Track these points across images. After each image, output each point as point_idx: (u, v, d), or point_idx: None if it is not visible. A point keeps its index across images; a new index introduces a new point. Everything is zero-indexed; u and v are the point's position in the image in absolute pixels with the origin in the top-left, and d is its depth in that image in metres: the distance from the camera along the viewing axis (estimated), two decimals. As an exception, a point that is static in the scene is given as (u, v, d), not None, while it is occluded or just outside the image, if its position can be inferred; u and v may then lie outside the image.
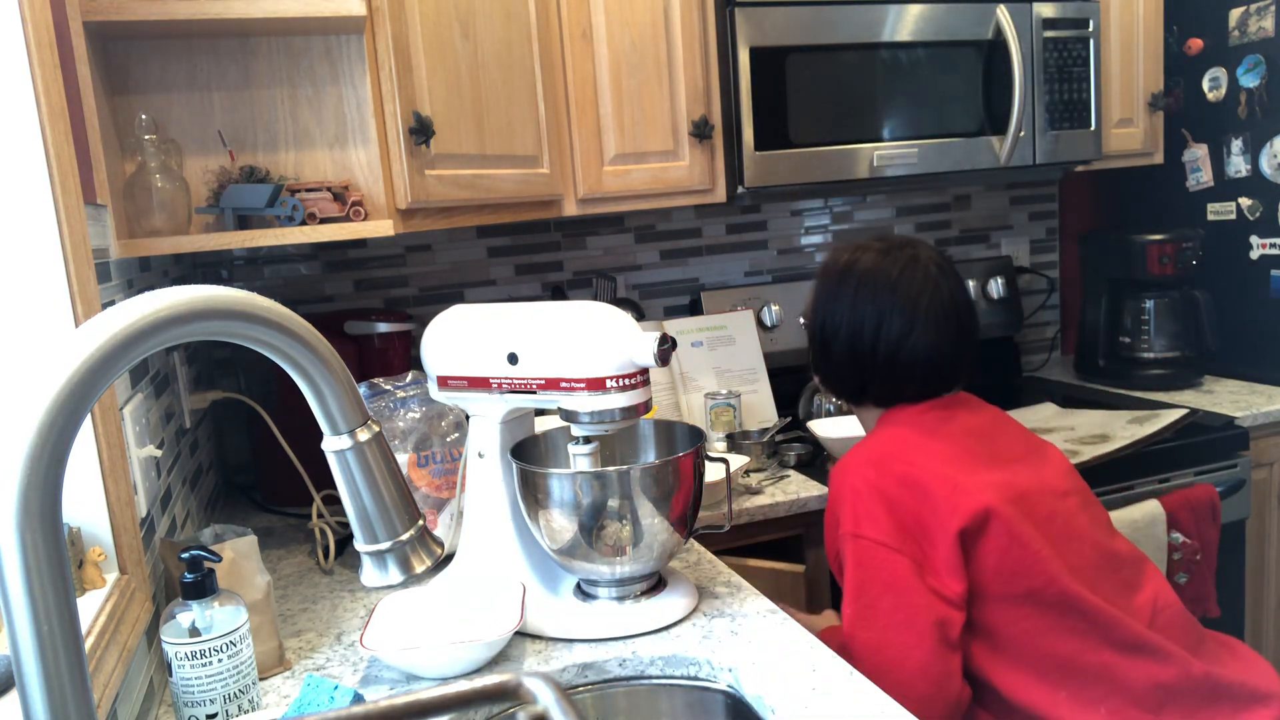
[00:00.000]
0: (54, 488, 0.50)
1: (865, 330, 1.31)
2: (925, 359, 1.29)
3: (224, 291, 0.57)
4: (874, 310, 1.30)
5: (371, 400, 1.50)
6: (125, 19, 1.20)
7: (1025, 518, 1.20)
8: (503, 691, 0.59)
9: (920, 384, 1.32)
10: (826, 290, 1.36)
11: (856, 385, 1.35)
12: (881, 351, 1.30)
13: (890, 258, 1.32)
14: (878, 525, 1.19)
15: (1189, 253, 2.25)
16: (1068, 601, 1.17)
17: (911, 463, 1.22)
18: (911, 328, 1.28)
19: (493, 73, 1.63)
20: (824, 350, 1.37)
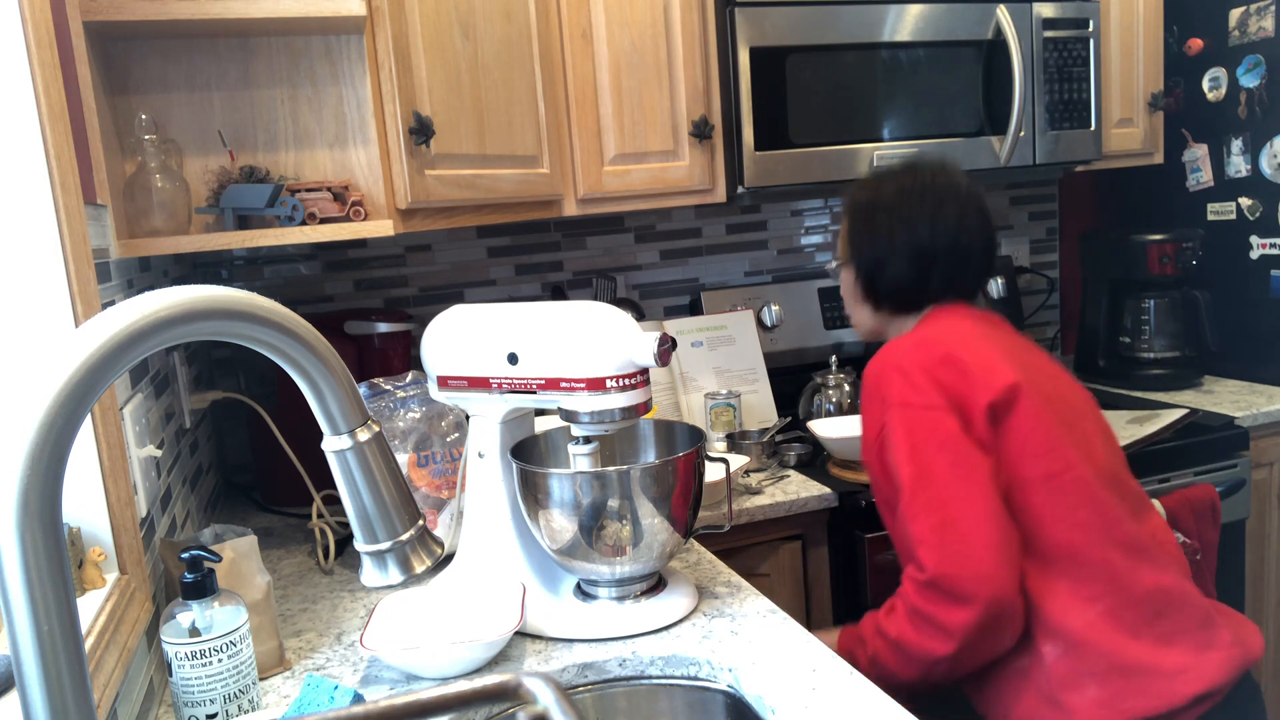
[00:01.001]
0: (54, 488, 0.50)
1: (920, 229, 1.34)
2: (981, 238, 1.36)
3: (224, 291, 0.57)
4: (927, 209, 1.34)
5: (371, 400, 1.50)
6: (125, 19, 1.20)
7: (1050, 406, 1.23)
8: (503, 691, 0.59)
9: (979, 262, 1.37)
10: (868, 216, 1.39)
11: (917, 285, 1.36)
12: (941, 242, 1.33)
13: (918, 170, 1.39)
14: (924, 393, 1.20)
15: (1189, 253, 2.25)
16: (1081, 491, 1.19)
17: (951, 345, 1.25)
18: (964, 213, 1.34)
19: (493, 73, 1.63)
20: (876, 272, 1.38)
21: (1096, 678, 1.14)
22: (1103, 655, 1.15)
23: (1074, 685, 1.15)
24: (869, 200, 1.39)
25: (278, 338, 0.59)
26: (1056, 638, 1.16)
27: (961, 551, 1.12)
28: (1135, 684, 1.14)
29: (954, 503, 1.15)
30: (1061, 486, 1.19)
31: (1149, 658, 1.15)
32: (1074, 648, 1.16)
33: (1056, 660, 1.16)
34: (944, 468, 1.16)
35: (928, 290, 1.37)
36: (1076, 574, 1.17)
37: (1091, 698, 1.14)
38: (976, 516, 1.14)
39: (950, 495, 1.15)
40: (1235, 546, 2.00)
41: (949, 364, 1.22)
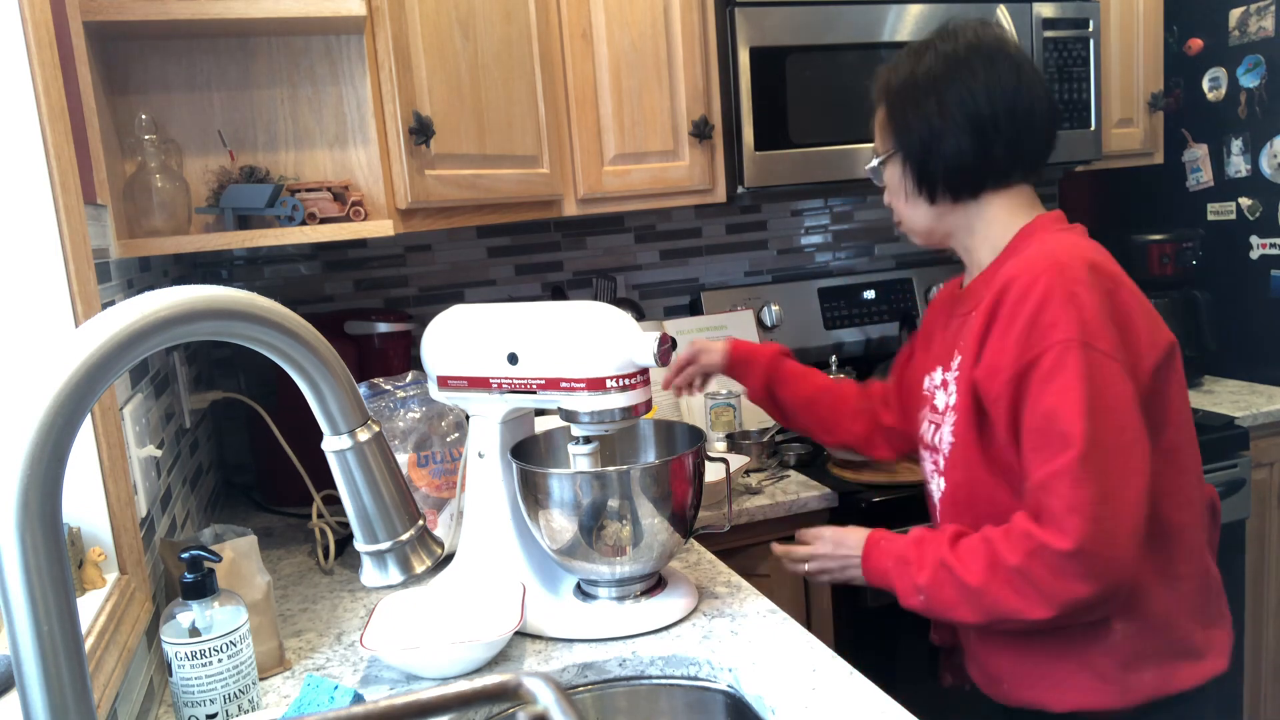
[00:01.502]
0: (54, 488, 0.50)
1: (975, 92, 1.17)
2: (1042, 99, 1.20)
3: (224, 291, 0.57)
4: (980, 69, 1.17)
5: (371, 400, 1.50)
6: (125, 19, 1.20)
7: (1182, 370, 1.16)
8: (503, 691, 0.59)
9: (1042, 132, 1.22)
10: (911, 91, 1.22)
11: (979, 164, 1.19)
12: (1000, 103, 1.16)
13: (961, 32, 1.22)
14: (1108, 339, 1.05)
15: (1189, 253, 2.25)
16: (1196, 467, 1.15)
17: (1117, 280, 1.11)
18: (1018, 65, 1.18)
19: (493, 73, 1.63)
20: (930, 153, 1.20)
21: (1159, 656, 1.12)
22: (1172, 637, 1.13)
23: (1135, 664, 1.12)
24: (908, 75, 1.21)
25: (278, 338, 0.59)
26: (1133, 616, 1.11)
27: (1112, 531, 1.03)
28: (1187, 663, 1.14)
29: (1117, 475, 1.03)
30: (1183, 461, 1.12)
31: (1202, 639, 1.15)
32: (1147, 628, 1.12)
33: (1126, 639, 1.11)
34: (1116, 433, 1.04)
35: (993, 165, 1.19)
36: (1174, 552, 1.12)
37: (1148, 678, 1.12)
38: (1133, 496, 1.04)
39: (1115, 466, 1.03)
40: (1235, 546, 2.00)
41: (1119, 306, 1.08)
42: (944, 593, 1.12)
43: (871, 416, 1.51)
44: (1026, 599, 1.06)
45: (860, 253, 2.53)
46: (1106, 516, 1.02)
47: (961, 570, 1.10)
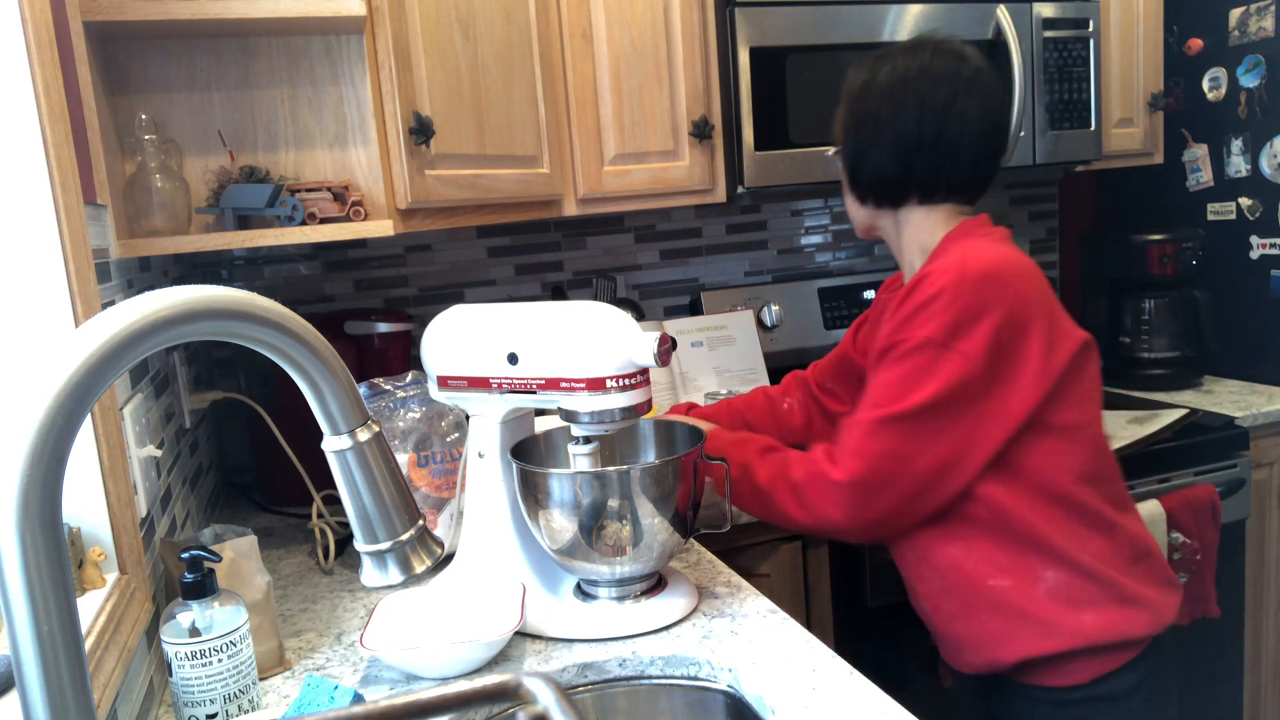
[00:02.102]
0: (54, 488, 0.50)
1: (907, 117, 1.26)
2: (971, 134, 1.26)
3: (224, 291, 0.57)
4: (914, 95, 1.26)
5: (371, 400, 1.50)
6: (125, 19, 1.20)
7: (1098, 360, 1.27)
8: (503, 691, 0.59)
9: (969, 164, 1.28)
10: (858, 99, 1.31)
11: (900, 181, 1.30)
12: (927, 129, 1.25)
13: (921, 39, 1.31)
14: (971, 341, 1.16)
15: (1189, 253, 2.25)
16: (1096, 444, 1.24)
17: (1024, 287, 1.19)
18: (953, 103, 1.25)
19: (493, 73, 1.63)
20: (858, 163, 1.32)
21: (1093, 604, 1.21)
22: (1102, 584, 1.21)
23: (1073, 608, 1.20)
24: (862, 84, 1.31)
25: (278, 338, 0.59)
26: (1058, 565, 1.21)
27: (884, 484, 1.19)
28: (1128, 612, 1.21)
29: (915, 457, 1.18)
30: (1083, 438, 1.22)
31: (1136, 590, 1.22)
32: (1074, 576, 1.21)
33: (1055, 585, 1.21)
34: (929, 417, 1.17)
35: (913, 184, 1.29)
36: (1075, 519, 1.22)
37: (1087, 620, 1.20)
38: (919, 469, 1.18)
39: (911, 440, 1.18)
40: (1235, 546, 2.00)
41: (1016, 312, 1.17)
42: (740, 488, 1.32)
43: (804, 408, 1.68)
44: (791, 505, 1.25)
45: (860, 253, 2.53)
46: (883, 470, 1.18)
47: (758, 473, 1.29)
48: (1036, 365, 1.17)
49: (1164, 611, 1.24)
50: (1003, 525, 1.21)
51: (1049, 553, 1.21)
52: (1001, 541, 1.22)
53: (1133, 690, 1.23)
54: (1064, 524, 1.21)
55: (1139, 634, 1.21)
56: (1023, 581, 1.22)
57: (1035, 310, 1.19)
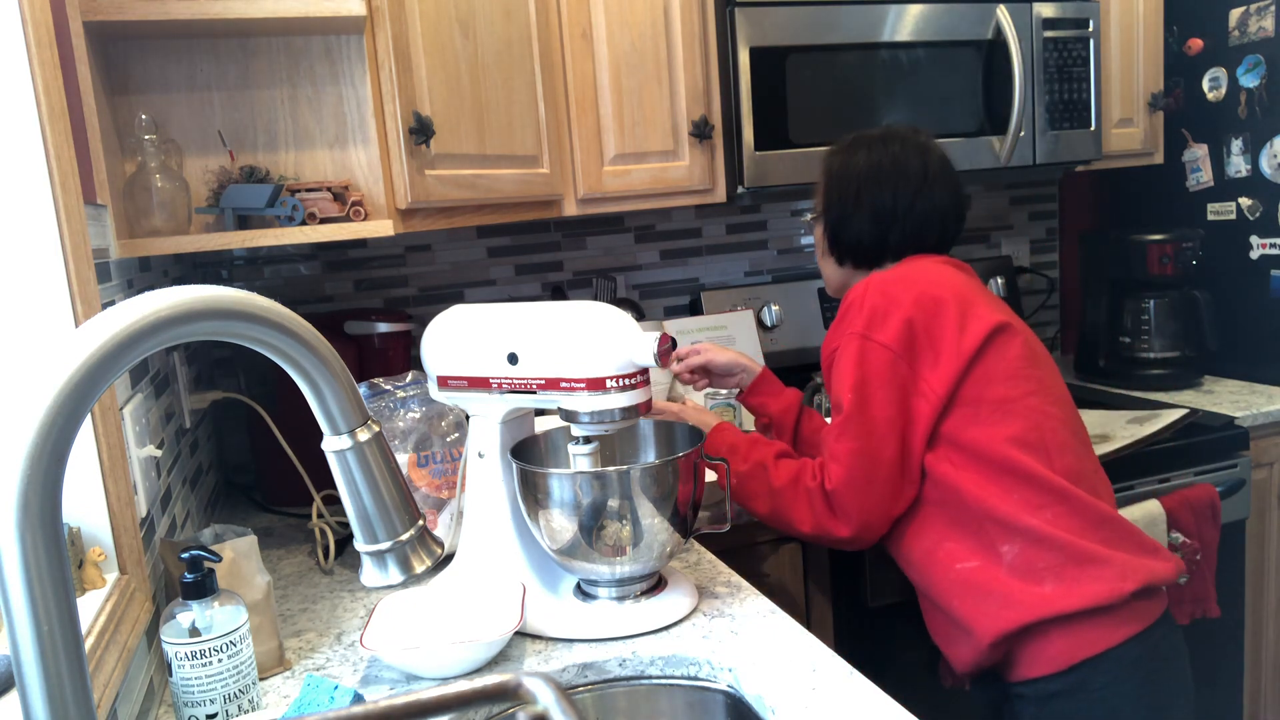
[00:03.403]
0: (54, 488, 0.50)
1: (884, 191, 1.45)
2: (938, 208, 1.45)
3: (224, 291, 0.57)
4: (890, 174, 1.45)
5: (371, 400, 1.50)
6: (125, 19, 1.20)
7: (1026, 346, 1.35)
8: (503, 691, 0.59)
9: (937, 233, 1.46)
10: (839, 172, 1.50)
11: (877, 243, 1.47)
12: (901, 205, 1.44)
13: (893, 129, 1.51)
14: (887, 330, 1.31)
15: (1189, 253, 2.25)
16: (1030, 415, 1.30)
17: (932, 283, 1.35)
18: (924, 181, 1.44)
19: (493, 73, 1.63)
20: (839, 230, 1.49)
21: (1053, 570, 1.25)
22: (1058, 548, 1.25)
23: (1033, 580, 1.25)
24: (841, 166, 1.50)
25: (278, 338, 0.59)
26: (1014, 537, 1.27)
27: (866, 478, 1.30)
28: (1089, 571, 1.24)
29: (875, 439, 1.29)
30: (1012, 410, 1.30)
31: (1099, 552, 1.25)
32: (1030, 545, 1.26)
33: (1015, 558, 1.27)
34: (880, 406, 1.30)
35: (889, 248, 1.47)
36: (1024, 487, 1.27)
37: (1049, 591, 1.24)
38: (887, 455, 1.30)
39: (874, 432, 1.30)
40: (1235, 546, 2.00)
41: (924, 302, 1.32)
42: (752, 484, 1.40)
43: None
44: (800, 513, 1.35)
45: (860, 253, 2.52)
46: (859, 466, 1.29)
47: (774, 475, 1.38)
48: (950, 345, 1.30)
49: (1131, 573, 1.25)
50: (959, 505, 1.29)
51: (1004, 525, 1.27)
52: (961, 523, 1.29)
53: (1115, 682, 1.23)
54: (1016, 493, 1.27)
55: (1103, 598, 1.22)
56: (986, 561, 1.28)
57: (944, 300, 1.32)
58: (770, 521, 1.40)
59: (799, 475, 1.35)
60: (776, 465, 1.38)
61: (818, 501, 1.33)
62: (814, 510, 1.33)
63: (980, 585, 1.27)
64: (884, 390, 1.30)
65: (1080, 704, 1.24)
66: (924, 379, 1.31)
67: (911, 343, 1.31)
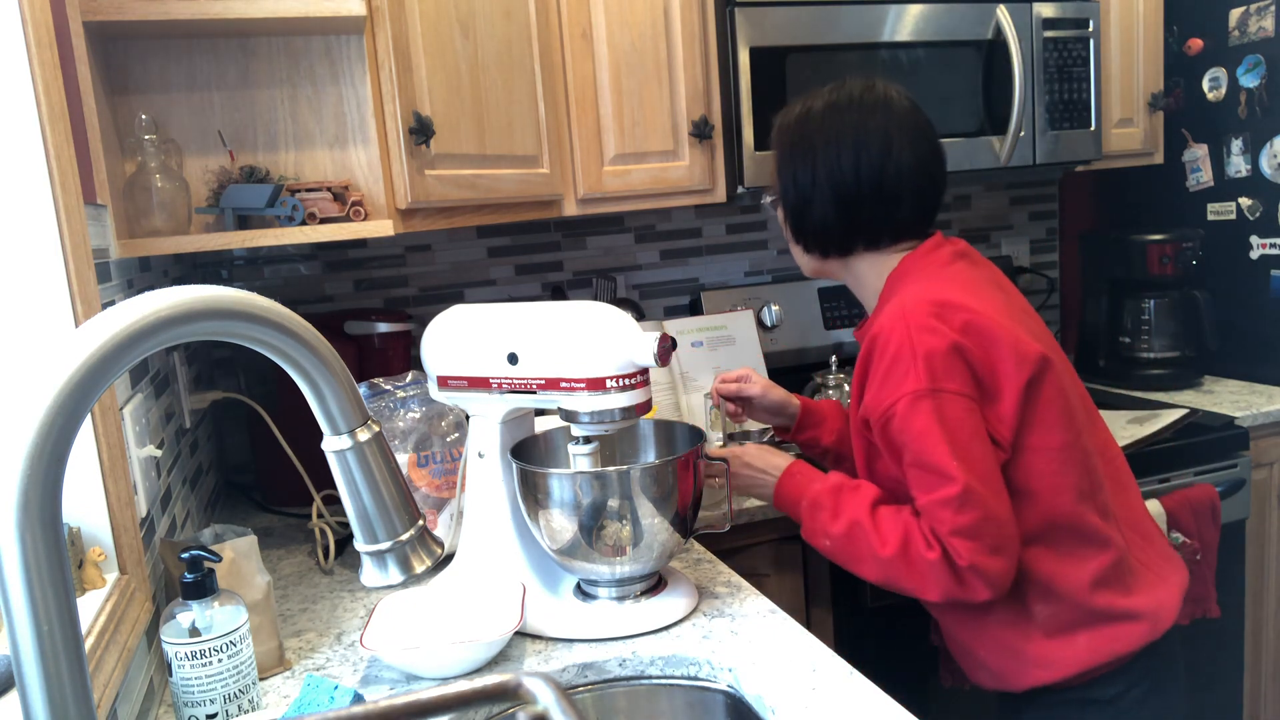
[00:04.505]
0: (54, 488, 0.50)
1: (843, 164, 1.26)
2: (912, 173, 1.26)
3: (224, 291, 0.57)
4: (849, 141, 1.26)
5: (371, 400, 1.50)
6: (125, 19, 1.20)
7: (1067, 372, 1.24)
8: (503, 691, 0.59)
9: (911, 206, 1.28)
10: (791, 140, 1.31)
11: (845, 230, 1.30)
12: (865, 179, 1.25)
13: (844, 89, 1.30)
14: (956, 378, 1.15)
15: (1189, 253, 2.25)
16: (1088, 460, 1.22)
17: (971, 309, 1.18)
18: (889, 145, 1.25)
19: (493, 73, 1.63)
20: (803, 210, 1.31)
21: (1086, 627, 1.21)
22: (1091, 610, 1.21)
23: (1066, 638, 1.21)
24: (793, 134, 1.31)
25: (278, 338, 0.59)
26: (1049, 598, 1.21)
27: (997, 546, 1.14)
28: (1124, 628, 1.21)
29: (994, 501, 1.14)
30: (1073, 457, 1.20)
31: (1134, 607, 1.22)
32: (1065, 606, 1.21)
33: (1048, 618, 1.22)
34: (981, 461, 1.15)
35: (859, 231, 1.29)
36: (1074, 539, 1.21)
37: (1082, 645, 1.21)
38: (1005, 513, 1.15)
39: (990, 491, 1.14)
40: (1235, 546, 2.00)
41: (974, 334, 1.17)
42: (855, 549, 1.22)
43: None
44: (925, 585, 1.18)
45: (860, 253, 2.53)
46: (989, 534, 1.14)
47: (877, 540, 1.19)
48: (1010, 383, 1.17)
49: (1165, 616, 1.23)
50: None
51: (1043, 588, 1.21)
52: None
53: (1125, 693, 1.23)
54: (1063, 547, 1.20)
55: (1135, 647, 1.21)
56: (1018, 618, 1.22)
57: (992, 330, 1.18)
58: (885, 587, 1.23)
59: (909, 543, 1.17)
60: (876, 526, 1.20)
61: (944, 575, 1.16)
62: (942, 584, 1.16)
63: (1012, 646, 1.23)
64: (980, 444, 1.15)
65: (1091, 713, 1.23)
66: (991, 423, 1.18)
67: (979, 382, 1.17)
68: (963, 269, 1.27)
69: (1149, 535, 1.30)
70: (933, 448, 1.15)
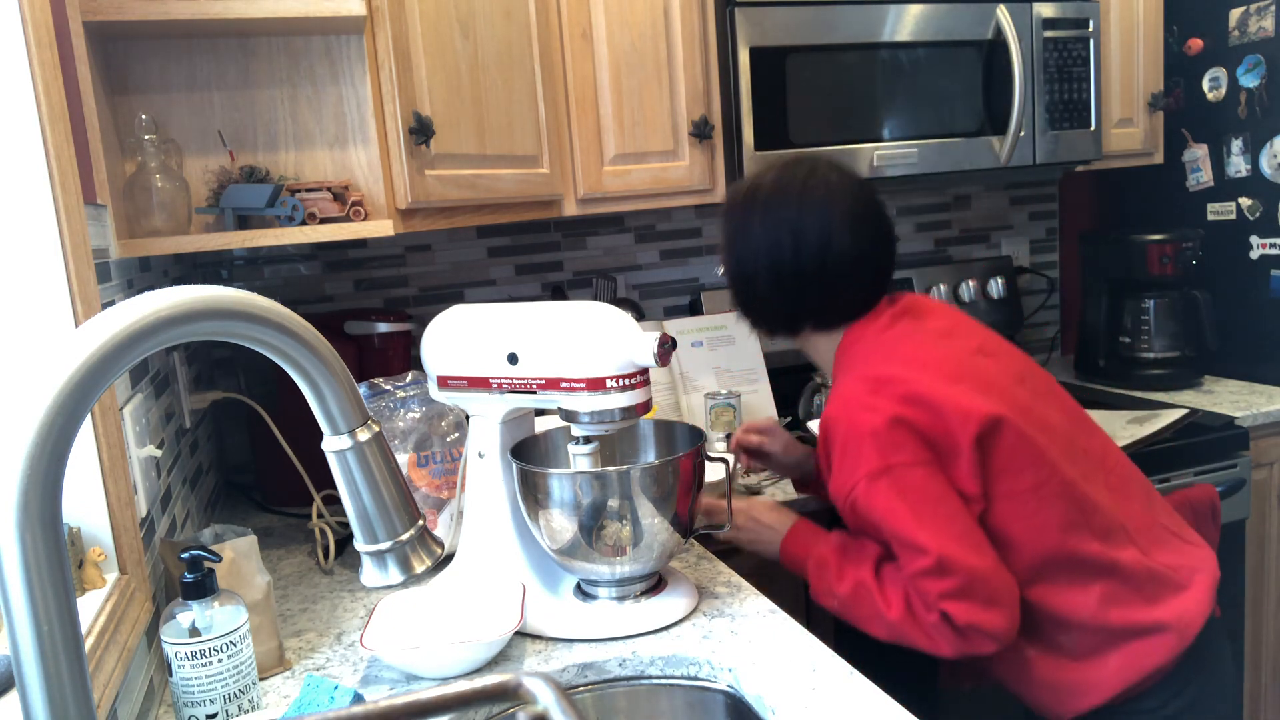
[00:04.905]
0: (54, 488, 0.50)
1: (784, 249, 1.27)
2: (852, 262, 1.27)
3: (224, 291, 0.57)
4: (788, 228, 1.27)
5: (371, 400, 1.50)
6: (125, 19, 1.20)
7: (1025, 415, 1.22)
8: (503, 691, 0.59)
9: (854, 291, 1.30)
10: (735, 225, 1.32)
11: (790, 312, 1.32)
12: (807, 266, 1.27)
13: (789, 174, 1.30)
14: (905, 449, 1.17)
15: (1189, 253, 2.25)
16: (1069, 493, 1.20)
17: (909, 380, 1.20)
18: (829, 234, 1.26)
19: (493, 73, 1.63)
20: (748, 287, 1.34)
21: (1113, 649, 1.21)
22: (1112, 630, 1.21)
23: (1097, 660, 1.21)
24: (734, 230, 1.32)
25: (278, 338, 0.59)
26: (1066, 628, 1.21)
27: (991, 602, 1.15)
28: (1145, 643, 1.20)
29: (971, 556, 1.15)
30: (1050, 493, 1.20)
31: (1151, 616, 1.21)
32: (1086, 632, 1.21)
33: (1074, 646, 1.22)
34: (949, 522, 1.16)
35: (802, 317, 1.33)
36: (1071, 570, 1.21)
37: (1114, 666, 1.20)
38: (990, 564, 1.16)
39: (966, 549, 1.15)
40: (1235, 546, 2.00)
41: (916, 403, 1.18)
42: (861, 609, 1.23)
43: None
44: (935, 645, 1.18)
45: (860, 253, 2.52)
46: (979, 590, 1.14)
47: (882, 601, 1.20)
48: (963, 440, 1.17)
49: (1191, 620, 1.21)
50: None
51: (1058, 621, 1.21)
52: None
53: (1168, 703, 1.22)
54: (1063, 578, 1.21)
55: (1169, 658, 1.20)
56: (1047, 651, 1.23)
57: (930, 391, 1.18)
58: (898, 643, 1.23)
59: (911, 605, 1.18)
60: (880, 587, 1.21)
61: (949, 635, 1.16)
62: (950, 643, 1.17)
63: (1047, 679, 1.23)
64: (947, 505, 1.17)
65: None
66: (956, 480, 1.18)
67: (932, 444, 1.18)
68: (904, 329, 1.28)
69: (1165, 536, 1.28)
70: (898, 523, 1.16)
